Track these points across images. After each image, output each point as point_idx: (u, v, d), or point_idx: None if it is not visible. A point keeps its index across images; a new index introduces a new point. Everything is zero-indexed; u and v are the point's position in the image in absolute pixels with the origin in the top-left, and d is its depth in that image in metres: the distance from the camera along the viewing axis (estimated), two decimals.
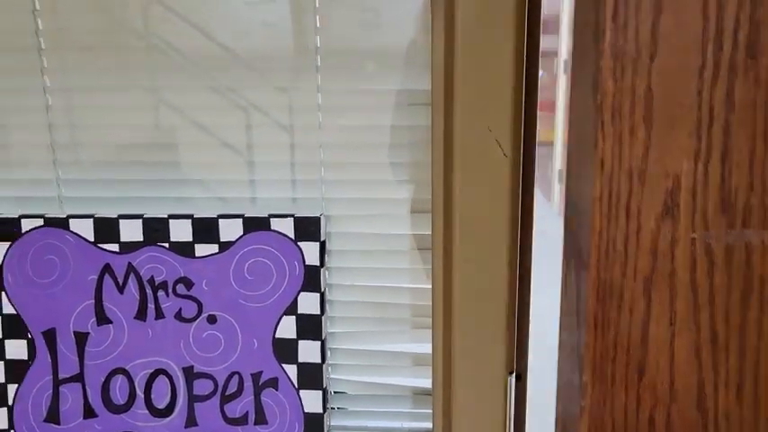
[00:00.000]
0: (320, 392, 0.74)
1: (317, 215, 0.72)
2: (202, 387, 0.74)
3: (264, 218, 0.72)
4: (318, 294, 0.72)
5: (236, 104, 0.76)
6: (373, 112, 0.72)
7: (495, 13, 0.56)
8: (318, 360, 0.73)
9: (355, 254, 0.77)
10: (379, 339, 0.78)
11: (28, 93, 0.77)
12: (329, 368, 0.79)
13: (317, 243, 0.72)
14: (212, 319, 0.73)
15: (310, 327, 0.73)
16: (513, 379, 0.61)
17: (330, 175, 0.75)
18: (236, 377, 0.74)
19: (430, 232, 0.67)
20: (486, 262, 0.59)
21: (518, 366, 0.62)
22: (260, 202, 0.77)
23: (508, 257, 0.59)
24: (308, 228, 0.72)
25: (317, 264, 0.72)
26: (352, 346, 0.79)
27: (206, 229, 0.73)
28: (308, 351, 0.73)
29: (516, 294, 0.60)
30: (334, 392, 0.80)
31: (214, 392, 0.74)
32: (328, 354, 0.79)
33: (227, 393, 0.74)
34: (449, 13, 0.54)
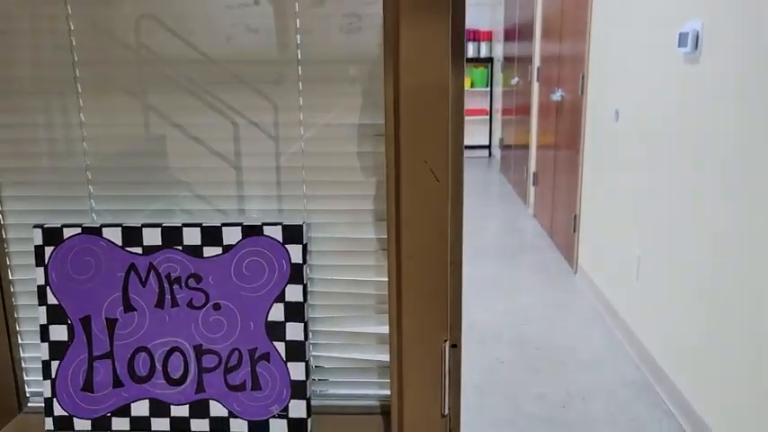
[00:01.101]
0: (304, 364, 0.92)
1: (300, 223, 0.91)
2: (209, 361, 0.93)
3: (259, 226, 0.91)
4: (302, 286, 0.91)
5: (235, 135, 0.94)
6: (345, 141, 0.91)
7: (430, 72, 0.74)
8: (302, 338, 0.92)
9: (331, 254, 0.96)
10: (351, 323, 0.97)
11: (63, 125, 0.96)
12: (311, 345, 0.98)
13: (301, 245, 0.91)
14: (217, 307, 0.92)
15: (295, 312, 0.92)
16: (447, 346, 0.79)
17: (311, 191, 0.94)
18: (236, 352, 0.92)
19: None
20: (426, 258, 0.78)
21: (454, 337, 0.81)
22: (255, 213, 0.96)
23: (442, 255, 0.78)
24: (293, 233, 0.91)
25: (301, 262, 0.91)
26: (329, 328, 0.97)
27: (212, 234, 0.91)
28: (294, 331, 0.92)
29: (448, 282, 0.78)
30: (315, 366, 0.99)
31: (218, 365, 0.93)
32: (310, 334, 0.98)
33: (229, 366, 0.93)
34: (396, 72, 0.72)
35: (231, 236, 0.91)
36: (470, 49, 7.99)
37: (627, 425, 2.52)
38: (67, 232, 0.93)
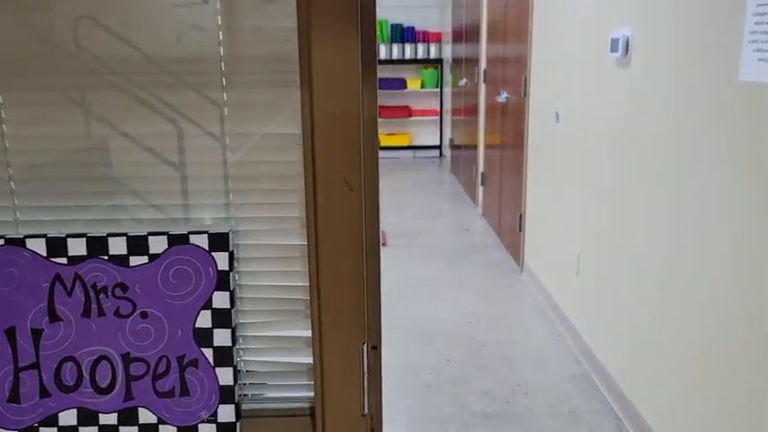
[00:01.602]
0: (231, 369, 0.94)
1: (226, 231, 0.93)
2: (137, 369, 0.94)
3: (185, 234, 0.92)
4: (228, 293, 0.93)
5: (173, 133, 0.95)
6: (271, 149, 0.94)
7: (345, 91, 0.77)
8: (229, 344, 0.94)
9: (259, 260, 0.98)
10: (280, 327, 0.99)
11: None
12: (240, 351, 1.00)
13: (227, 253, 0.93)
14: (144, 315, 0.93)
15: (223, 318, 0.93)
16: (365, 348, 0.82)
17: (238, 199, 0.96)
18: (164, 360, 0.94)
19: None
20: (342, 264, 0.81)
21: (373, 339, 0.84)
22: (182, 223, 0.97)
23: (358, 261, 0.81)
24: (219, 241, 0.92)
25: (227, 269, 0.93)
26: (259, 332, 1.00)
27: (138, 244, 0.92)
28: (222, 337, 0.94)
29: (365, 287, 0.81)
30: (246, 371, 1.01)
31: (147, 372, 0.94)
32: (240, 340, 1.00)
33: (157, 373, 0.94)
34: (309, 87, 0.75)
35: (157, 245, 0.92)
36: (420, 51, 8.07)
37: (567, 417, 2.61)
38: None
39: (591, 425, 2.55)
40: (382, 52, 8.04)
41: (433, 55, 8.08)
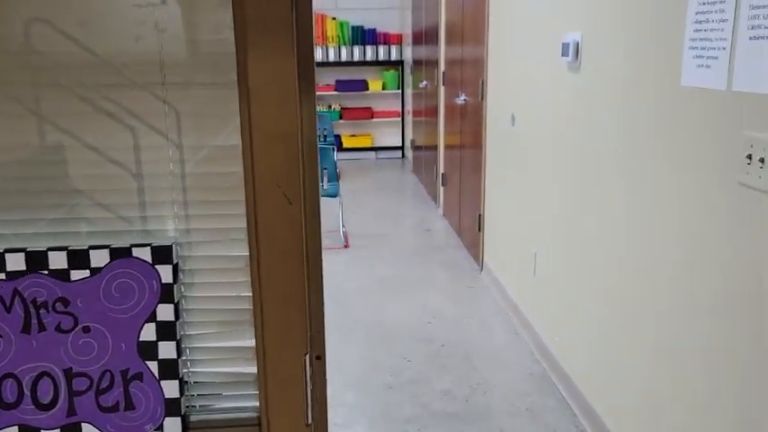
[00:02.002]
0: (177, 382, 0.94)
1: (170, 244, 0.92)
2: (80, 384, 0.93)
3: (127, 247, 0.92)
4: (173, 305, 0.93)
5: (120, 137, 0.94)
6: (218, 161, 0.94)
7: (282, 107, 0.78)
8: (175, 356, 0.94)
9: (205, 271, 0.98)
10: (227, 337, 0.99)
11: None
12: (188, 362, 1.00)
13: (171, 266, 0.92)
14: (86, 329, 0.92)
15: (167, 331, 0.93)
16: (307, 359, 0.83)
17: (183, 210, 0.96)
18: (107, 374, 0.93)
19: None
20: (283, 276, 0.82)
21: (318, 349, 0.85)
22: (126, 235, 0.96)
23: (298, 273, 0.82)
24: (162, 254, 0.92)
25: (171, 282, 0.92)
26: (206, 344, 1.00)
27: (79, 258, 0.91)
28: (166, 349, 0.93)
29: (306, 298, 0.82)
30: (194, 382, 1.00)
31: (90, 387, 0.93)
32: (188, 351, 0.99)
33: (101, 388, 0.93)
34: (248, 107, 0.76)
35: (99, 258, 0.91)
36: (381, 52, 8.09)
37: (525, 414, 2.66)
38: None
39: (548, 422, 2.60)
40: (343, 54, 8.04)
41: (394, 57, 8.11)
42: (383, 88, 8.18)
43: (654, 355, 1.97)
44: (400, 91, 8.25)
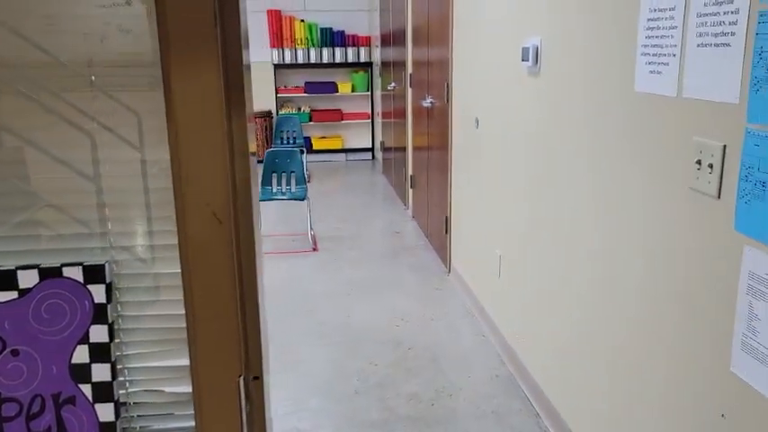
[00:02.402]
0: (112, 404, 0.91)
1: (103, 263, 0.90)
2: (9, 409, 0.90)
3: (57, 267, 0.89)
4: (106, 326, 0.90)
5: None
6: (153, 175, 0.91)
7: (206, 123, 0.76)
8: (109, 378, 0.91)
9: (143, 290, 0.95)
10: (166, 357, 0.97)
11: None
12: (127, 383, 0.97)
13: (104, 285, 0.90)
14: (15, 353, 0.89)
15: (101, 352, 0.90)
16: (242, 380, 0.82)
17: (117, 228, 0.93)
18: (38, 399, 0.90)
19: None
20: (214, 296, 0.80)
21: (256, 370, 0.83)
22: (56, 254, 0.93)
23: (230, 292, 0.80)
24: (95, 273, 0.89)
25: (105, 302, 0.90)
26: (144, 363, 0.97)
27: (6, 278, 0.88)
28: (100, 372, 0.90)
29: (239, 318, 0.80)
30: (133, 403, 0.98)
31: (19, 413, 0.90)
32: (126, 372, 0.96)
33: (31, 413, 0.90)
34: (174, 122, 0.74)
35: (27, 279, 0.88)
36: (350, 54, 8.07)
37: (490, 417, 2.66)
38: None
39: (513, 424, 2.61)
40: (312, 56, 8.00)
41: (363, 58, 8.09)
42: (353, 90, 8.16)
43: (617, 358, 1.99)
44: (370, 93, 8.24)
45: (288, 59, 7.97)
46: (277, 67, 7.99)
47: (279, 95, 8.10)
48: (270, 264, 4.49)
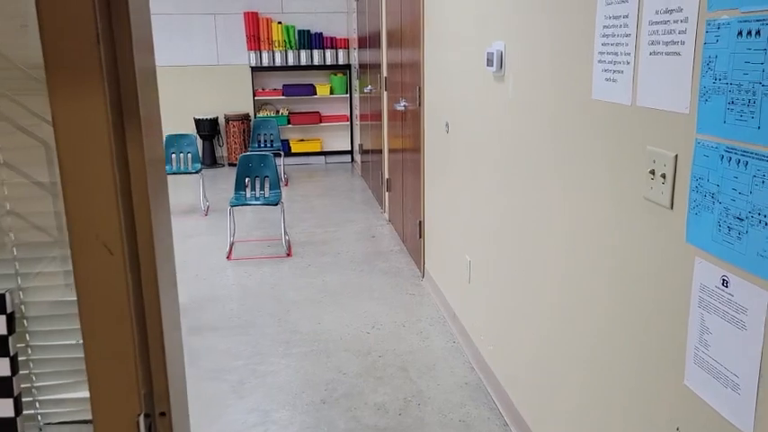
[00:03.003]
0: None
1: (2, 292, 0.85)
2: None
3: None
4: (8, 359, 0.85)
5: None
6: (54, 198, 0.86)
7: (91, 150, 0.71)
8: (12, 414, 0.86)
9: (53, 318, 0.90)
10: (77, 388, 0.92)
11: None
12: (39, 416, 0.92)
13: (4, 316, 0.85)
14: None
15: (2, 387, 0.85)
16: (141, 419, 0.77)
17: (23, 253, 0.88)
18: None
19: None
20: (107, 331, 0.75)
21: (162, 406, 0.79)
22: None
23: (124, 327, 0.76)
24: None
25: (5, 333, 0.85)
26: (55, 395, 0.92)
27: None
28: (2, 408, 0.85)
29: (135, 351, 0.76)
30: None
31: None
32: (37, 404, 0.91)
33: None
34: (60, 155, 0.69)
35: None
36: (328, 56, 8.02)
37: (457, 426, 2.63)
38: None
39: None
40: (290, 58, 7.94)
41: (341, 61, 8.05)
42: (331, 92, 8.11)
43: (582, 369, 1.96)
44: (348, 95, 8.19)
45: (265, 62, 7.90)
46: (254, 69, 7.92)
47: (256, 98, 8.03)
48: (243, 270, 4.44)
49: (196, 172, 5.90)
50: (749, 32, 1.15)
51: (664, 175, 1.44)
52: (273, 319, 3.65)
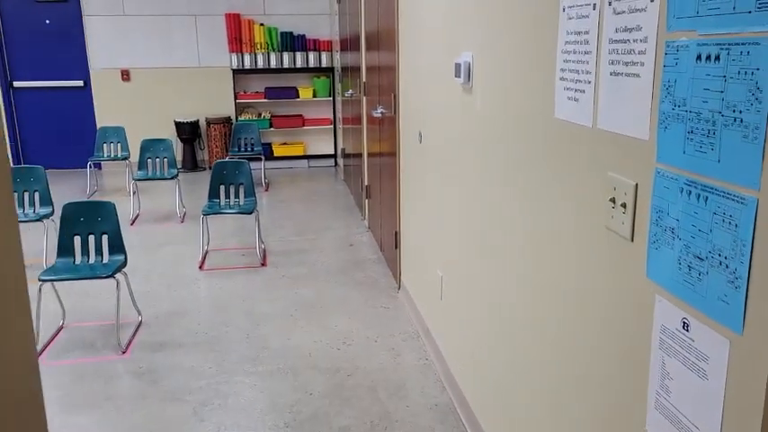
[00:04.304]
0: None
1: None
2: None
3: None
4: None
5: None
6: None
7: None
8: None
9: None
10: None
11: None
12: None
13: None
14: None
15: None
16: None
17: None
18: None
19: None
20: None
21: None
22: None
23: None
24: None
25: None
26: None
27: None
28: None
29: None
30: None
31: None
32: None
33: None
34: None
35: None
36: (311, 59, 7.90)
37: None
38: None
39: None
40: (272, 61, 7.81)
41: (324, 63, 7.93)
42: (314, 95, 7.99)
43: (550, 398, 1.86)
44: (332, 98, 8.08)
45: (247, 64, 7.77)
46: (236, 72, 7.80)
47: (238, 101, 7.90)
48: (215, 281, 4.32)
49: (171, 178, 5.76)
50: (708, 57, 1.05)
51: (624, 205, 1.34)
52: (242, 334, 3.54)
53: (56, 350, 3.38)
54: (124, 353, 3.32)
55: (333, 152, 8.27)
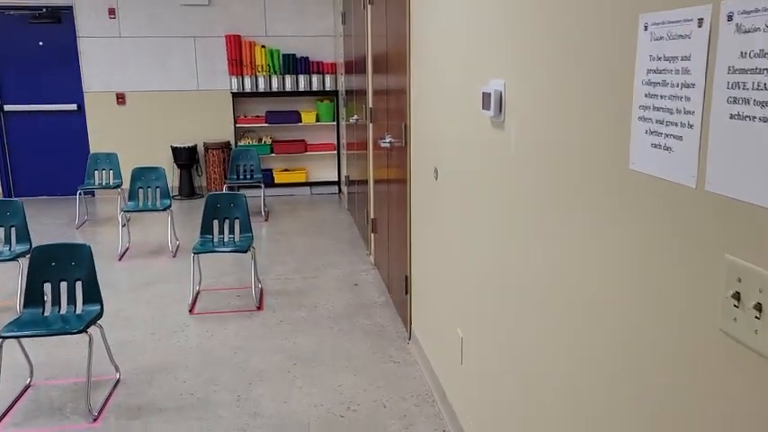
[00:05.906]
0: None
1: None
2: None
3: None
4: None
5: None
6: None
7: None
8: None
9: None
10: None
11: None
12: None
13: None
14: None
15: None
16: None
17: None
18: None
19: None
20: None
21: None
22: None
23: None
24: None
25: None
26: None
27: None
28: None
29: None
30: None
31: None
32: None
33: None
34: None
35: None
36: (315, 82, 7.55)
37: None
38: None
39: None
40: (274, 84, 7.46)
41: (328, 87, 7.57)
42: (317, 120, 7.63)
43: None
44: (336, 123, 7.71)
45: (248, 87, 7.43)
46: (236, 95, 7.45)
47: (238, 126, 7.54)
48: (205, 328, 3.89)
49: (164, 209, 5.37)
50: None
51: (759, 307, 0.92)
52: (232, 395, 3.10)
53: (19, 415, 2.95)
54: (95, 420, 2.89)
55: (336, 179, 7.89)
